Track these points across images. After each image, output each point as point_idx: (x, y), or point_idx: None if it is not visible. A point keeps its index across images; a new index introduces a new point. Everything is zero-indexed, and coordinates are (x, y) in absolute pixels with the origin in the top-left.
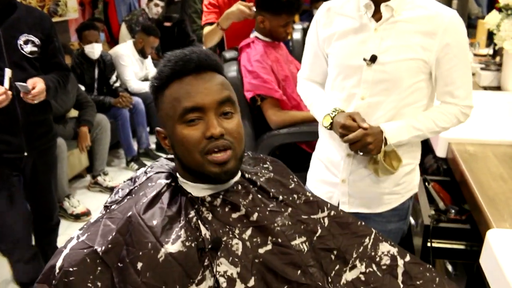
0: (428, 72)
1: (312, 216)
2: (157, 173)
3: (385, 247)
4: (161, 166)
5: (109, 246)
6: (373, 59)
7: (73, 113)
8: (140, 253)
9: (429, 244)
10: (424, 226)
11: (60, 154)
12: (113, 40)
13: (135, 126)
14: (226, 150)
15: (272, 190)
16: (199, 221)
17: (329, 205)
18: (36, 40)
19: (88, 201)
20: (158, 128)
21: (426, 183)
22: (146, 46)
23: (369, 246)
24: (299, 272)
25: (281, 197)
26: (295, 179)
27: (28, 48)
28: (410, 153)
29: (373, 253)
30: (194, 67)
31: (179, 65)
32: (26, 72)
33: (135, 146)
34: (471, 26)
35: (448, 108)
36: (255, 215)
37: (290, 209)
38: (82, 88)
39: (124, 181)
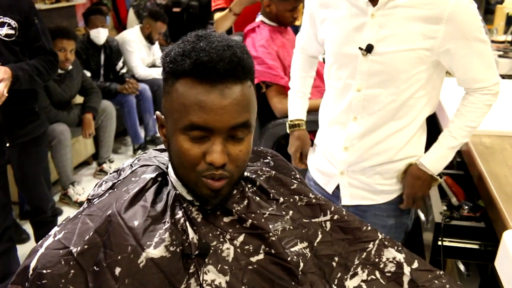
0: (432, 61)
1: (313, 220)
2: (142, 166)
3: (390, 253)
4: (149, 158)
5: (85, 247)
6: (369, 49)
7: (79, 99)
8: (119, 257)
9: (440, 243)
10: (435, 224)
11: (64, 141)
12: (121, 26)
13: (142, 113)
14: (222, 180)
15: (272, 191)
16: (187, 223)
17: (333, 208)
18: (13, 22)
19: None
20: (158, 113)
21: (438, 177)
22: (153, 31)
23: (372, 252)
24: (296, 281)
25: (281, 199)
26: (298, 176)
27: (4, 31)
28: (414, 146)
29: (376, 259)
30: (217, 79)
31: (199, 70)
32: (2, 57)
33: (142, 133)
34: (489, 12)
35: (475, 99)
36: (249, 221)
37: (291, 212)
38: (88, 74)
39: (110, 173)
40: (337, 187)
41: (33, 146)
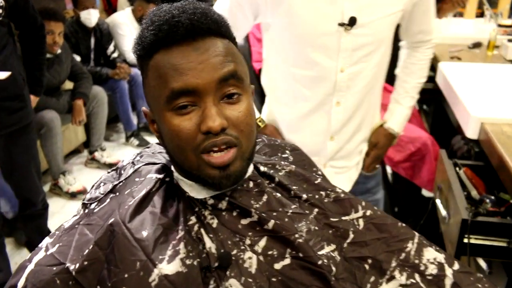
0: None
1: (343, 218)
2: (147, 164)
3: (430, 253)
4: (153, 154)
5: (85, 263)
6: (352, 22)
7: (68, 85)
8: (126, 275)
9: (466, 240)
10: (462, 220)
11: (54, 129)
12: (111, 8)
13: (135, 99)
14: (229, 148)
15: (294, 186)
16: (201, 230)
17: (363, 203)
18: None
19: (84, 178)
20: (144, 108)
21: (457, 168)
22: (145, 14)
23: (412, 253)
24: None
25: (305, 196)
26: (320, 172)
27: None
28: (379, 114)
29: (416, 261)
30: (184, 33)
31: (163, 31)
32: None
33: (134, 120)
34: None
35: (422, 56)
36: (271, 222)
37: (316, 210)
38: (78, 58)
39: (108, 172)
40: None
41: (21, 135)
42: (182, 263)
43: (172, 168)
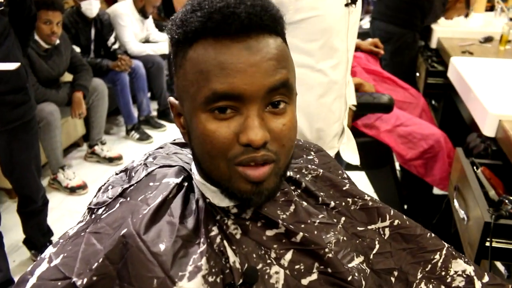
0: None
1: (369, 227)
2: (162, 167)
3: (459, 265)
4: (168, 156)
5: (94, 278)
6: (355, 0)
7: (68, 77)
8: None
9: (487, 244)
10: (484, 223)
11: (53, 122)
12: None
13: (135, 91)
14: (266, 164)
15: (321, 193)
16: (224, 242)
17: (392, 212)
18: None
19: (84, 173)
20: (171, 99)
21: (475, 168)
22: (147, 5)
23: (439, 264)
24: None
25: (332, 203)
26: (346, 175)
27: None
28: None
29: (443, 273)
30: (239, 27)
31: (214, 20)
32: None
33: (135, 113)
34: None
35: None
36: (299, 235)
37: (343, 218)
38: (77, 49)
39: (116, 173)
40: None
41: (24, 131)
42: (204, 280)
43: (193, 170)
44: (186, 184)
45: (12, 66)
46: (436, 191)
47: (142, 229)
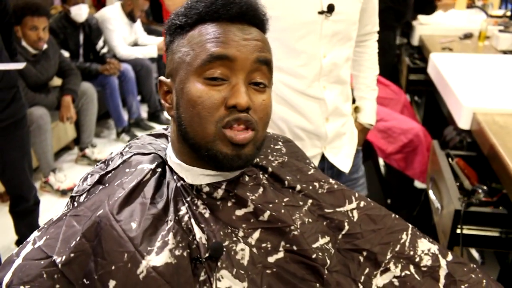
0: None
1: (338, 209)
2: (136, 154)
3: (424, 244)
4: (143, 145)
5: (71, 255)
6: (331, 9)
7: (57, 81)
8: (113, 267)
9: (458, 231)
10: (455, 211)
11: (44, 126)
12: (99, 3)
13: (125, 95)
14: (248, 129)
15: (288, 177)
16: (192, 220)
17: (356, 194)
18: None
19: (75, 175)
20: (161, 78)
21: (450, 159)
22: (135, 8)
23: (407, 244)
24: (322, 281)
25: (299, 186)
26: (313, 164)
27: None
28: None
29: (411, 253)
30: (239, 13)
31: (218, 5)
32: None
33: (125, 116)
34: None
35: (371, 51)
36: (267, 213)
37: (310, 201)
38: (66, 54)
39: (97, 164)
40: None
41: (15, 129)
42: (171, 254)
43: (168, 154)
44: (159, 170)
45: (19, 65)
46: (418, 184)
47: (116, 210)
